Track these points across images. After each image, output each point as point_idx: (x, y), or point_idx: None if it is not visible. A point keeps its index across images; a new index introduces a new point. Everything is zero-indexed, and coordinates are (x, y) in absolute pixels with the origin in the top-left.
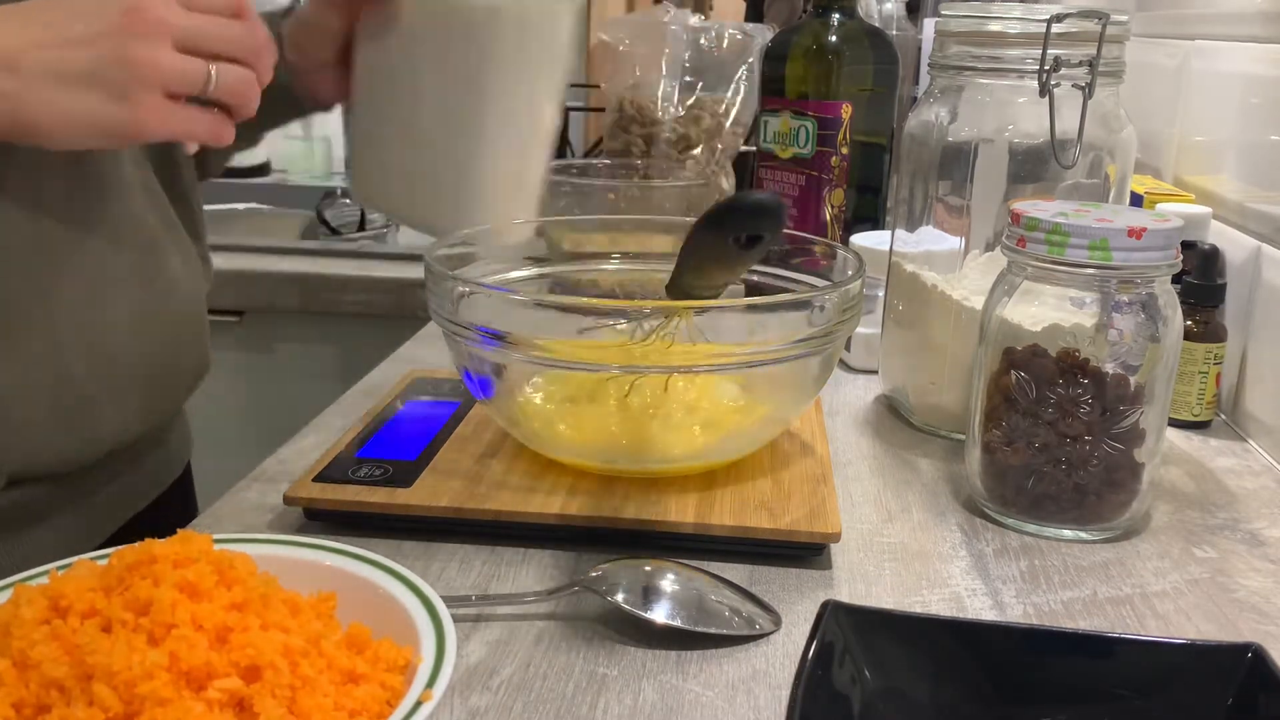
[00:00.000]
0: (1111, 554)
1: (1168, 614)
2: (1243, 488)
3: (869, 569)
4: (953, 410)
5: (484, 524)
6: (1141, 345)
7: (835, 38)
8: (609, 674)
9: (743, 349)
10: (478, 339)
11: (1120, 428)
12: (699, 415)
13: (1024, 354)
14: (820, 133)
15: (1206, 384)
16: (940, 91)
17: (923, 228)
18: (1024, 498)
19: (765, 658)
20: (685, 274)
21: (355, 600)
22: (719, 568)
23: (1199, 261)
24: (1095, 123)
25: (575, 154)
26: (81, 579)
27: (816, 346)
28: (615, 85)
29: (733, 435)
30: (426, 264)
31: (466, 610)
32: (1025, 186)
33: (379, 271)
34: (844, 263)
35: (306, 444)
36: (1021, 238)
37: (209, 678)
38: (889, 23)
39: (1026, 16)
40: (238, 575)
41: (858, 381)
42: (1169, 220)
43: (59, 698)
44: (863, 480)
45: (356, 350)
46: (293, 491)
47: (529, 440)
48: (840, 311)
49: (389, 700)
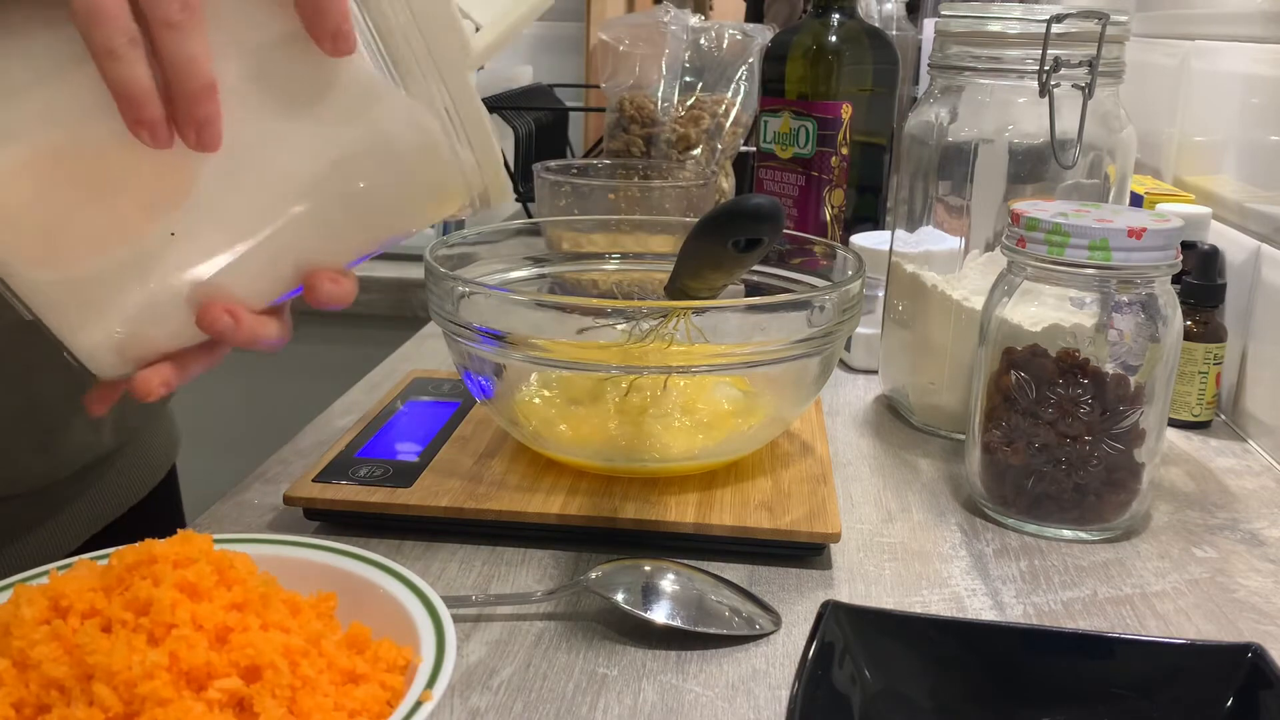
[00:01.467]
0: (1111, 554)
1: (1168, 614)
2: (1243, 488)
3: (869, 569)
4: (953, 410)
5: (484, 524)
6: (1141, 345)
7: (835, 38)
8: (609, 674)
9: (743, 349)
10: (478, 339)
11: (1120, 428)
12: (698, 415)
13: (1024, 354)
14: (820, 133)
15: (1206, 384)
16: (940, 91)
17: (923, 228)
18: (1024, 498)
19: (765, 658)
20: (683, 276)
21: (355, 600)
22: (719, 568)
23: (1199, 261)
24: (1095, 123)
25: (575, 154)
26: (81, 579)
27: (816, 347)
28: (615, 85)
29: (733, 436)
30: (427, 264)
31: (466, 610)
32: (1025, 186)
33: (379, 271)
34: (844, 263)
35: (306, 444)
36: (1021, 238)
37: (209, 678)
38: (889, 23)
39: (1026, 16)
40: (238, 575)
41: (858, 381)
42: (1169, 220)
43: (59, 698)
44: (863, 480)
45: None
46: (293, 491)
47: (529, 440)
48: (840, 311)
49: (389, 700)
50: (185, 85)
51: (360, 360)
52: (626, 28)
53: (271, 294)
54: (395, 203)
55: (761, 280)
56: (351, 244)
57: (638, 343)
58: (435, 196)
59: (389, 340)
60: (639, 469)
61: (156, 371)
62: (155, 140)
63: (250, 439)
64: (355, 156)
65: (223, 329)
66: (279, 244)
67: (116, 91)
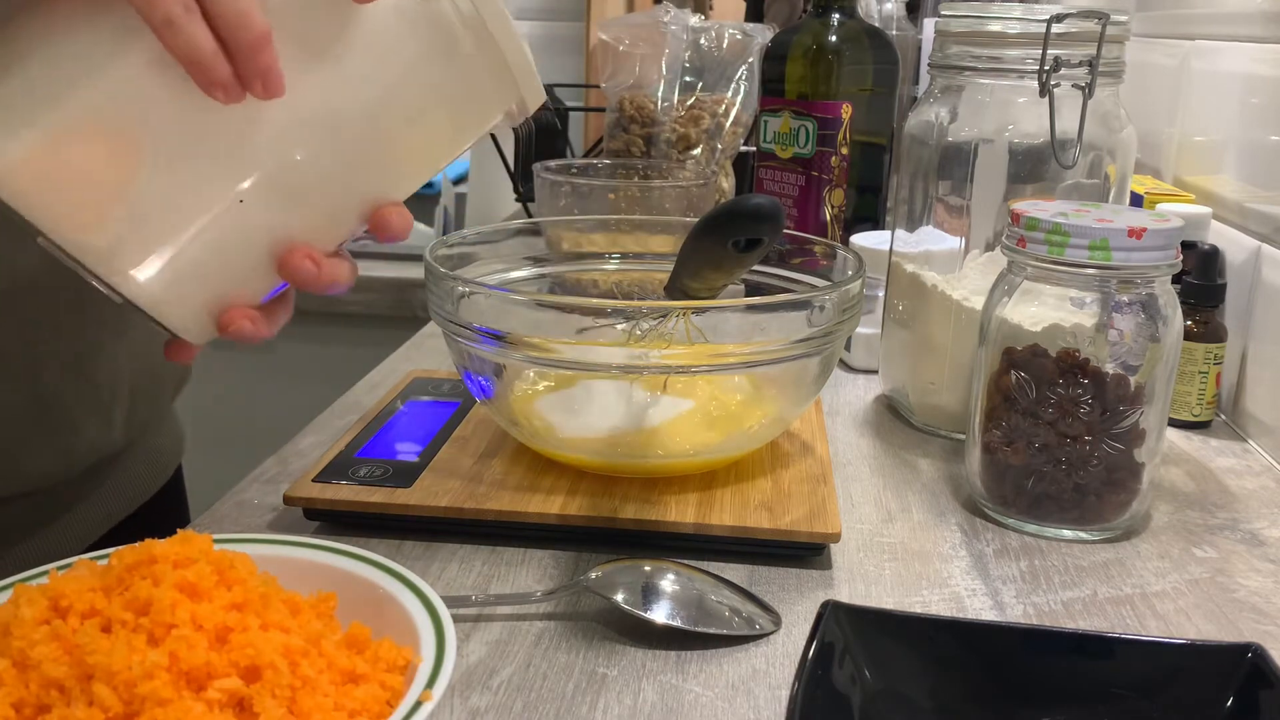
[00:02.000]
0: (1111, 554)
1: (1168, 614)
2: (1243, 488)
3: (869, 569)
4: (953, 410)
5: (484, 524)
6: (1141, 345)
7: (835, 38)
8: (609, 674)
9: (743, 349)
10: (477, 339)
11: (1120, 428)
12: (699, 414)
13: (1024, 354)
14: (820, 133)
15: (1206, 384)
16: (940, 91)
17: (923, 228)
18: (1024, 498)
19: (765, 658)
20: (683, 276)
21: (355, 600)
22: (719, 568)
23: (1199, 261)
24: (1095, 123)
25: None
26: (81, 579)
27: (816, 347)
28: (615, 85)
29: (733, 435)
30: (427, 264)
31: (466, 610)
32: (1025, 186)
33: (379, 271)
34: (844, 263)
35: (306, 444)
36: (1021, 238)
37: (209, 678)
38: (889, 23)
39: (1026, 16)
40: (238, 575)
41: (858, 381)
42: (1169, 220)
43: (59, 698)
44: (863, 480)
45: (356, 350)
46: (292, 491)
47: (529, 440)
48: (840, 311)
49: (389, 700)
50: (242, 38)
51: (360, 360)
52: (626, 28)
53: (343, 235)
54: (445, 118)
55: (761, 280)
56: (411, 172)
57: (636, 342)
58: (478, 103)
59: (389, 340)
60: (639, 465)
61: (244, 314)
62: (229, 96)
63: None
64: (404, 78)
65: (305, 275)
66: (347, 182)
67: (183, 58)
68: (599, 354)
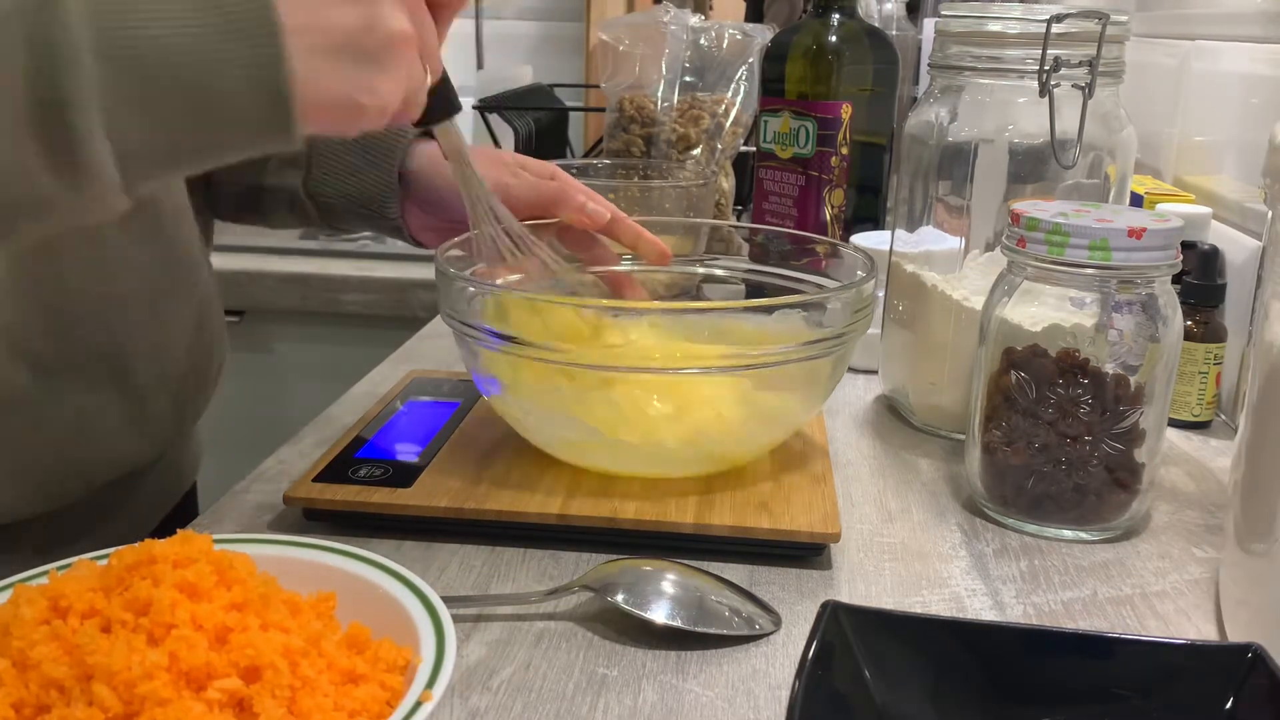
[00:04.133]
0: (1111, 554)
1: (1168, 614)
2: None
3: (869, 569)
4: (953, 410)
5: (484, 524)
6: (1141, 345)
7: (835, 38)
8: (609, 674)
9: (751, 350)
10: (487, 340)
11: (1120, 428)
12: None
13: (1024, 354)
14: (820, 133)
15: (1206, 384)
16: (940, 91)
17: (923, 228)
18: (1024, 498)
19: (765, 658)
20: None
21: (355, 600)
22: (719, 568)
23: (1199, 261)
24: (1095, 123)
25: (575, 154)
26: (81, 579)
27: (826, 349)
28: (615, 85)
29: (741, 437)
30: (437, 265)
31: (466, 610)
32: (1025, 186)
33: (379, 271)
34: (854, 264)
35: (306, 444)
36: (1021, 238)
37: (209, 678)
38: (889, 23)
39: (1026, 16)
40: (238, 575)
41: (858, 381)
42: (1169, 220)
43: (59, 698)
44: (863, 480)
45: (356, 350)
46: (292, 491)
47: (534, 437)
48: (852, 314)
49: (389, 700)
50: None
51: (360, 360)
52: (626, 28)
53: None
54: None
55: (766, 281)
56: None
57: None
58: None
59: (389, 340)
60: (645, 470)
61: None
62: None
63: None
64: None
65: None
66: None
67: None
68: (607, 355)
